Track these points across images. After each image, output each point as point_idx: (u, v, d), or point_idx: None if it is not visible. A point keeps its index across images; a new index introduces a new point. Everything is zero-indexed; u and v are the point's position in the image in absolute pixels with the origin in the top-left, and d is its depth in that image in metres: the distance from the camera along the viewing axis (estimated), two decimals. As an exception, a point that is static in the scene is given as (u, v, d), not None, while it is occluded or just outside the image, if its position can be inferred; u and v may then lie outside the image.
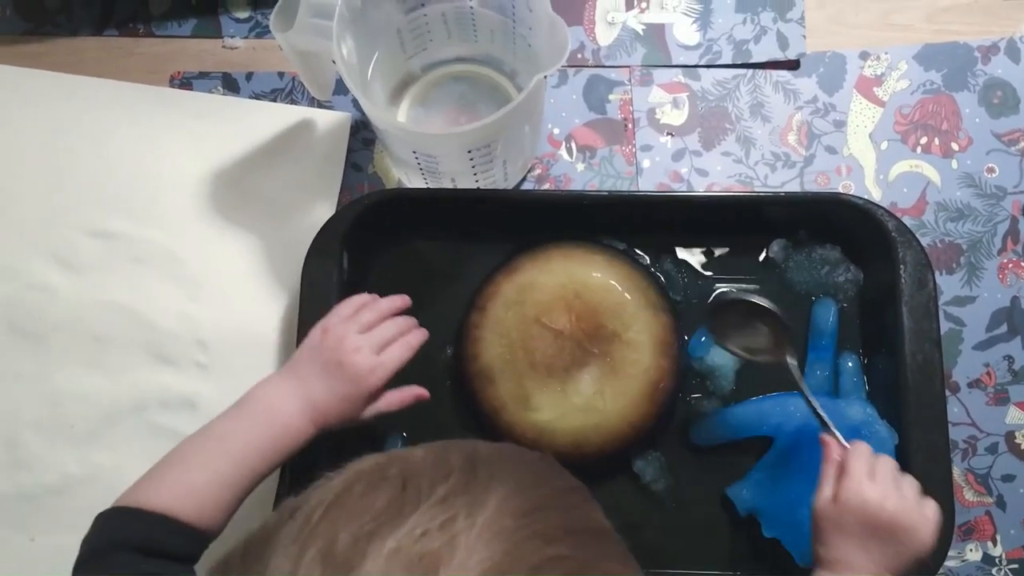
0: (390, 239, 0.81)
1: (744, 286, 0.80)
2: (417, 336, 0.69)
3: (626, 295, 0.75)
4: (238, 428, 0.63)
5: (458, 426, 0.78)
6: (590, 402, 0.73)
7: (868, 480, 0.60)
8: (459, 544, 0.39)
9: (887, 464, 0.62)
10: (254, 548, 0.42)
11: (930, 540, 0.60)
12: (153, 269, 0.83)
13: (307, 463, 0.71)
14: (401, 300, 0.71)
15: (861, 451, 0.63)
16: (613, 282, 0.76)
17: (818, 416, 0.66)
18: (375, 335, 0.67)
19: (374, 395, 0.66)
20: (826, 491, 0.61)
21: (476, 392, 0.76)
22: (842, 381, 0.76)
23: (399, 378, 0.76)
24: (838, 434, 0.65)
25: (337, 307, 0.69)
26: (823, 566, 0.60)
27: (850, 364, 0.77)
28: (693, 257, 0.81)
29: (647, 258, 0.81)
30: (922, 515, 0.60)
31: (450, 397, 0.79)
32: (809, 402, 0.67)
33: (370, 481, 0.43)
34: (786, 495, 0.72)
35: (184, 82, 0.88)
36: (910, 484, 0.62)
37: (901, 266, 0.74)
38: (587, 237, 0.80)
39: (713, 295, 0.79)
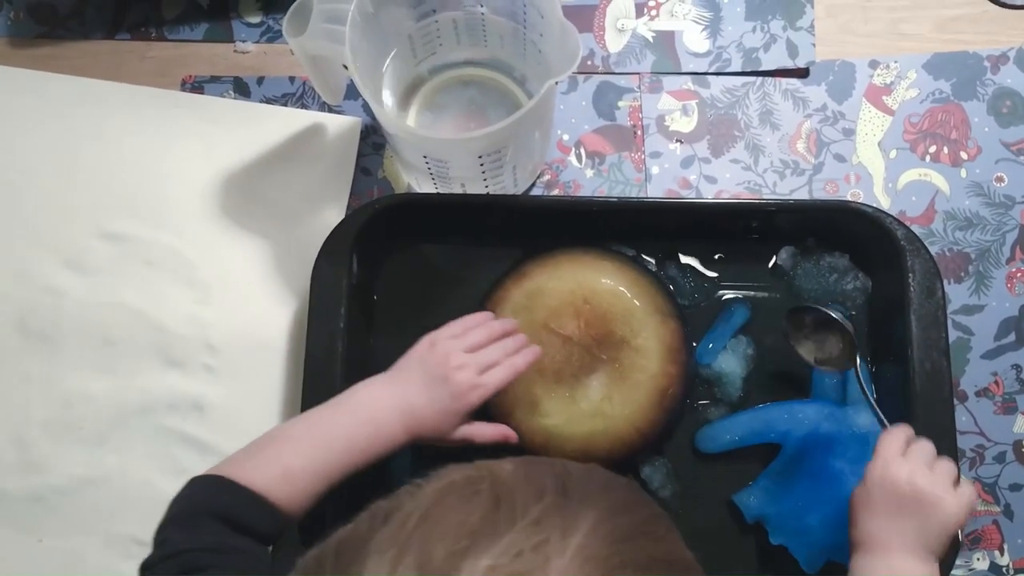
0: (400, 244, 0.81)
1: (753, 294, 0.80)
2: (525, 357, 0.69)
3: (635, 301, 0.76)
4: (337, 422, 0.64)
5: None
6: (598, 408, 0.73)
7: (896, 457, 0.62)
8: (552, 567, 0.40)
9: (923, 445, 0.64)
10: (347, 549, 0.43)
11: (958, 516, 0.60)
12: (163, 272, 0.83)
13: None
14: (512, 324, 0.72)
15: (894, 432, 0.64)
16: (622, 288, 0.76)
17: (880, 420, 0.69)
18: (481, 356, 0.68)
19: (469, 414, 0.67)
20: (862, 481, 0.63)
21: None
22: (850, 389, 0.76)
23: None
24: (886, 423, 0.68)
25: (449, 323, 0.70)
26: (855, 549, 0.61)
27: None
28: (701, 264, 0.81)
29: (655, 264, 0.81)
30: (950, 491, 0.61)
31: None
32: (874, 409, 0.69)
33: (462, 494, 0.44)
34: (793, 503, 0.72)
35: (196, 86, 0.88)
36: (945, 465, 0.63)
37: (910, 275, 0.74)
38: (596, 243, 0.80)
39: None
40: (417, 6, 0.76)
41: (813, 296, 0.79)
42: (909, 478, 0.60)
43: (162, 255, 0.83)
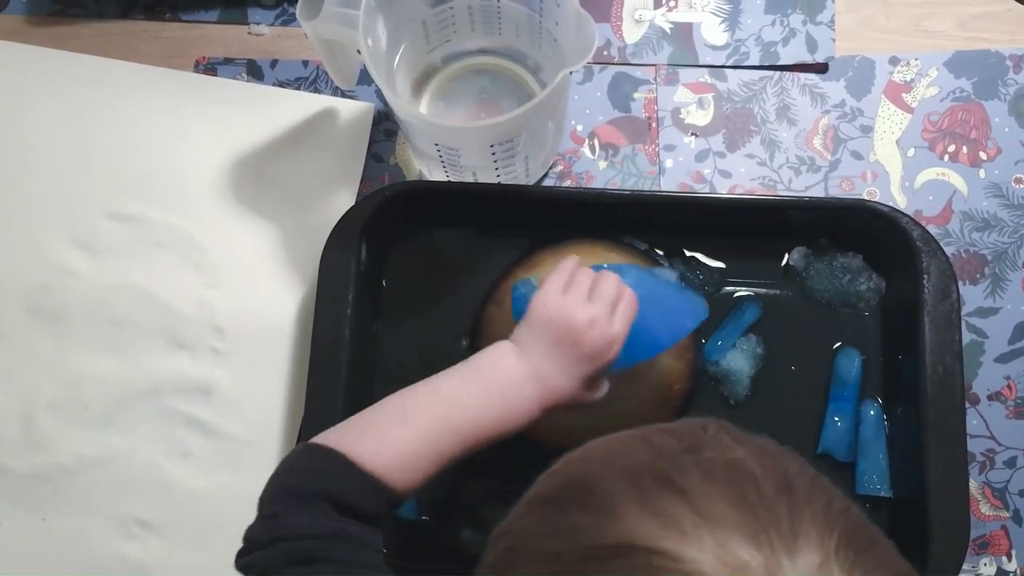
0: (409, 231, 0.81)
1: (764, 291, 0.79)
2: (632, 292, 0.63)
3: None
4: (468, 401, 0.58)
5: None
6: (604, 403, 0.73)
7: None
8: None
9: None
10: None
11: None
12: (173, 254, 0.83)
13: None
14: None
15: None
16: None
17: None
18: (603, 297, 0.61)
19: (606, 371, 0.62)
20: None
21: None
22: (862, 429, 0.75)
23: (415, 365, 0.76)
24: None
25: (551, 278, 0.63)
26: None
27: (871, 412, 0.76)
28: (712, 259, 0.80)
29: (666, 258, 0.80)
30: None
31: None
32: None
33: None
34: None
35: (209, 67, 0.88)
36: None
37: (924, 276, 0.73)
38: (607, 235, 0.79)
39: None
40: (432, -8, 0.75)
41: (826, 297, 0.78)
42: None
43: (173, 237, 0.83)
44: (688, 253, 0.80)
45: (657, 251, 0.80)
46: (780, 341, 0.78)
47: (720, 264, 0.80)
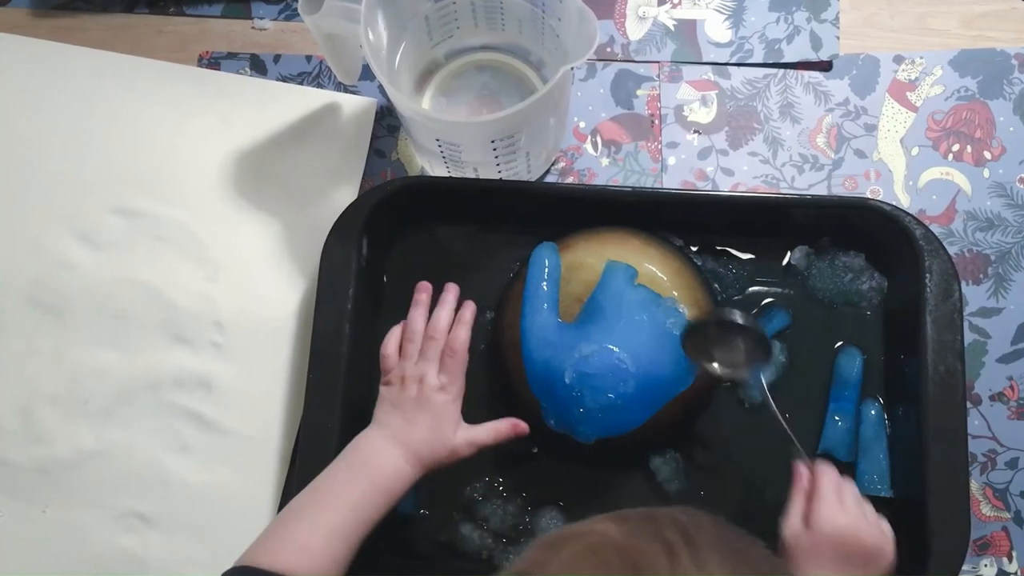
0: (411, 227, 0.81)
1: (766, 289, 0.79)
2: (467, 312, 0.72)
3: (673, 292, 0.74)
4: (341, 481, 0.65)
5: (484, 391, 0.77)
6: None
7: (839, 505, 0.63)
8: None
9: (852, 488, 0.65)
10: None
11: (892, 556, 0.63)
12: (175, 249, 0.83)
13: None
14: (425, 293, 0.73)
15: (829, 476, 0.65)
16: (663, 276, 0.74)
17: (788, 433, 0.67)
18: (430, 353, 0.70)
19: (460, 421, 0.69)
20: (796, 517, 0.63)
21: (507, 361, 0.75)
22: (863, 429, 0.75)
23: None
24: (803, 453, 0.66)
25: (382, 351, 0.71)
26: None
27: (872, 412, 0.76)
28: (743, 253, 0.80)
29: (699, 256, 0.79)
30: (884, 535, 0.63)
31: (482, 362, 0.78)
32: (778, 418, 0.68)
33: (595, 568, 0.44)
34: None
35: (212, 62, 0.88)
36: (870, 506, 0.65)
37: (927, 275, 0.73)
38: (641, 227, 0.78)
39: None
40: (435, -13, 0.75)
41: (828, 296, 0.78)
42: (855, 530, 0.62)
43: (174, 232, 0.84)
44: (719, 247, 0.80)
45: (691, 247, 0.79)
46: (782, 340, 0.78)
47: (750, 255, 0.79)
